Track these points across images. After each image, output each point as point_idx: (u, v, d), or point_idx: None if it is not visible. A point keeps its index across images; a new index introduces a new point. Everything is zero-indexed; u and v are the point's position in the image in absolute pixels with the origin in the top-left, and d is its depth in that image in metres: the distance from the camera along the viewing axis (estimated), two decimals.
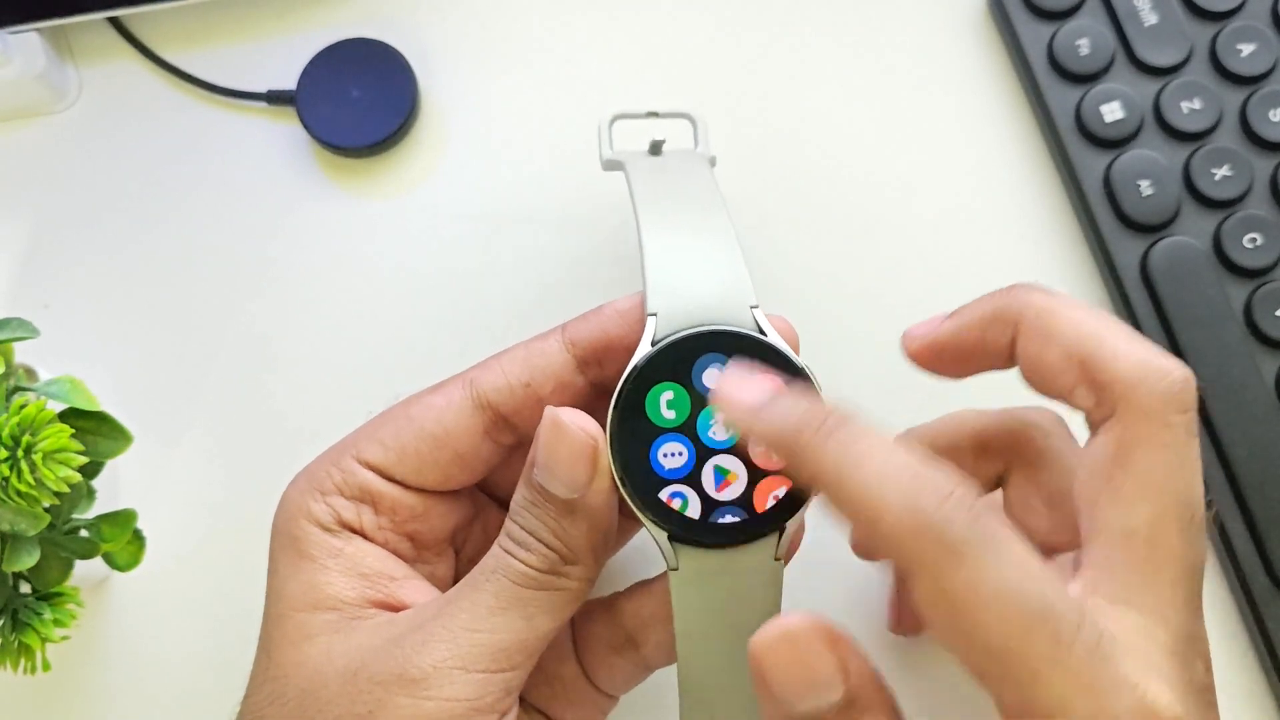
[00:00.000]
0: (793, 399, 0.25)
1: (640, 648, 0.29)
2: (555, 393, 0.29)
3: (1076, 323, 0.26)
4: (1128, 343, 0.26)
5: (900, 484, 0.23)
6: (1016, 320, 0.27)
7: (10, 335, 0.31)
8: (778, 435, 0.24)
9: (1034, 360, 0.27)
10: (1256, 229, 0.37)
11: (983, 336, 0.28)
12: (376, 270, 0.40)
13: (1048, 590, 0.22)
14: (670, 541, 0.26)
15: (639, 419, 0.27)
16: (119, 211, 0.40)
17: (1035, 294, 0.27)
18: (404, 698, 0.25)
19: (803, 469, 0.24)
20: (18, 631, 0.31)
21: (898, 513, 0.22)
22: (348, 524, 0.28)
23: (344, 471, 0.28)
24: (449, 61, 0.41)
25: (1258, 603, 0.35)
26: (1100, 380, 0.25)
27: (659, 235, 0.28)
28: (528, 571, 0.26)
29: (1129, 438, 0.25)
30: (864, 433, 0.24)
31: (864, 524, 0.23)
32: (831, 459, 0.23)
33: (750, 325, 0.27)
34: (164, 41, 0.41)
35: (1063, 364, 0.26)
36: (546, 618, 0.27)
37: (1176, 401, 0.25)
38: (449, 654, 0.25)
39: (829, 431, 0.24)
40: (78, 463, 0.29)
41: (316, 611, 0.27)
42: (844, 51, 0.41)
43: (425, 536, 0.29)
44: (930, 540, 0.22)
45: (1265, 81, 0.38)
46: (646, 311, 0.27)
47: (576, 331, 0.29)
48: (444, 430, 0.28)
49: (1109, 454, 0.25)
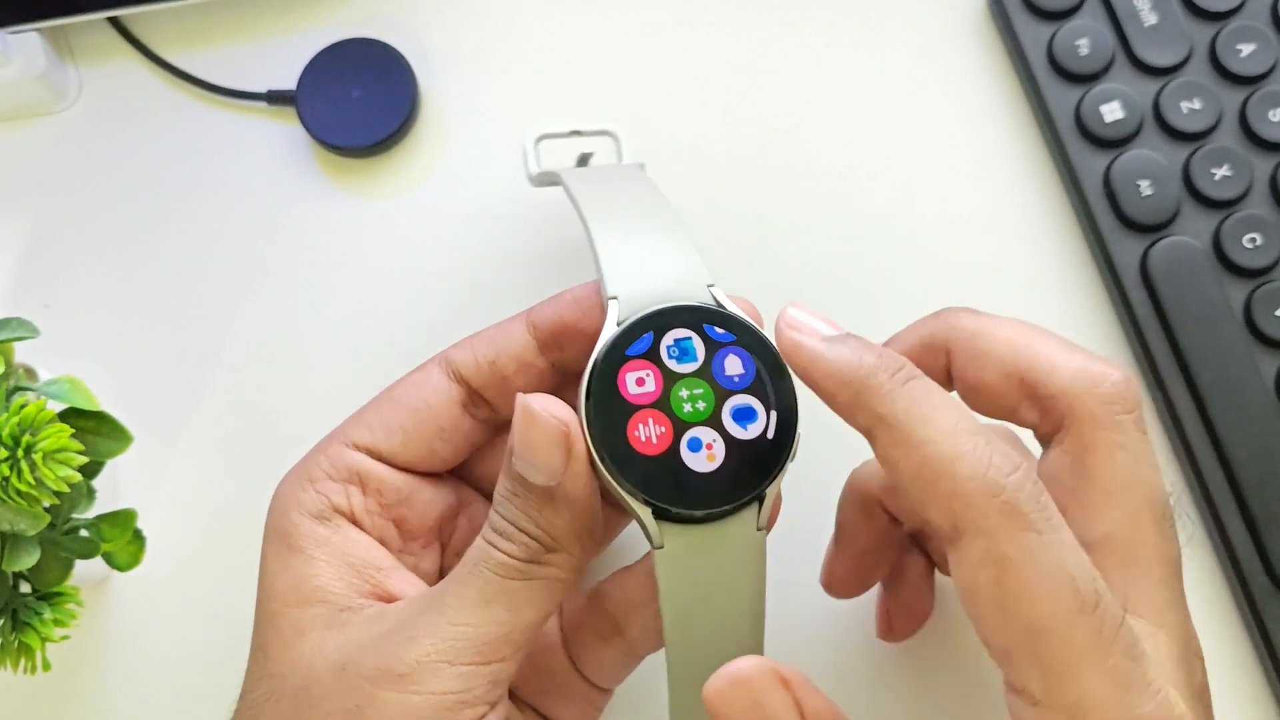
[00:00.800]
0: (864, 343, 0.25)
1: (626, 633, 0.29)
2: (519, 372, 0.29)
3: (1008, 340, 0.26)
4: (1062, 353, 0.26)
5: (975, 444, 0.23)
6: (946, 346, 0.27)
7: (10, 335, 0.31)
8: (851, 372, 0.24)
9: (972, 384, 0.27)
10: (1256, 229, 0.37)
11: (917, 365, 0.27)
12: (376, 270, 0.40)
13: (1099, 582, 0.22)
14: (655, 519, 0.26)
15: (612, 399, 0.27)
16: (119, 211, 0.40)
17: (964, 316, 0.27)
18: (391, 693, 0.25)
19: (871, 410, 0.24)
20: (18, 631, 0.31)
21: (971, 467, 0.22)
22: (338, 508, 0.29)
23: (331, 457, 0.29)
24: (449, 61, 0.41)
25: (1257, 603, 0.35)
26: (1041, 394, 0.26)
27: (608, 228, 0.29)
28: (510, 562, 0.26)
29: (1081, 447, 0.25)
30: (938, 389, 0.24)
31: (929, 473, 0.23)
32: (904, 406, 0.23)
33: (710, 302, 0.28)
34: (164, 41, 0.42)
35: (1001, 384, 0.26)
36: (531, 608, 0.27)
37: (1121, 401, 0.25)
38: (434, 648, 0.25)
39: (905, 379, 0.24)
40: (78, 463, 0.29)
41: (306, 606, 0.27)
42: (844, 51, 0.41)
43: (412, 524, 0.30)
44: (999, 503, 0.22)
45: (1265, 81, 0.38)
46: (606, 296, 0.27)
47: (539, 315, 0.30)
48: (425, 405, 0.29)
49: (1066, 465, 0.25)
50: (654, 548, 0.27)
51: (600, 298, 0.28)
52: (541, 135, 0.35)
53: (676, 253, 0.29)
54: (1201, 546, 0.36)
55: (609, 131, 0.36)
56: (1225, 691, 0.36)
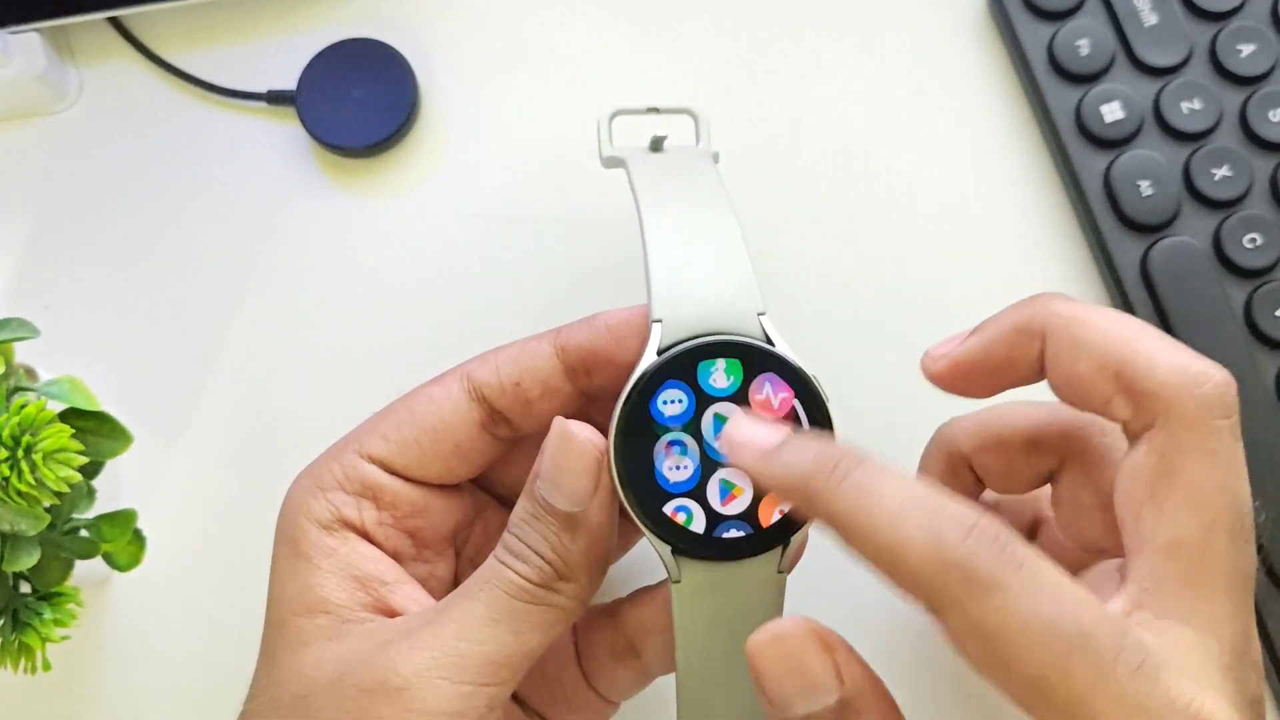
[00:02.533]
0: (803, 442, 0.25)
1: (641, 655, 0.29)
2: (543, 397, 0.29)
3: (1107, 331, 0.25)
4: (1163, 349, 0.25)
5: (920, 520, 0.22)
6: (1042, 332, 0.26)
7: (10, 335, 0.31)
8: (789, 482, 0.24)
9: (1065, 373, 0.26)
10: (1256, 229, 0.37)
11: (1009, 352, 0.27)
12: (377, 270, 0.40)
13: (1083, 614, 0.22)
14: (673, 555, 0.26)
15: (643, 431, 0.26)
16: (119, 212, 0.40)
17: (1060, 303, 0.26)
18: (386, 707, 0.25)
19: (819, 512, 0.24)
20: (18, 631, 0.31)
21: (921, 549, 0.22)
22: (348, 521, 0.28)
23: (345, 466, 0.28)
24: (449, 61, 0.41)
25: (1257, 602, 0.35)
26: (1137, 389, 0.25)
27: (664, 238, 0.28)
28: (522, 584, 0.26)
29: (1173, 447, 0.24)
30: (878, 471, 0.23)
31: (885, 565, 0.23)
32: (846, 503, 0.23)
33: (758, 333, 0.27)
34: (164, 41, 0.41)
35: (1095, 375, 0.25)
36: (536, 634, 0.26)
37: (1220, 406, 0.24)
38: (434, 662, 0.25)
39: (843, 474, 0.23)
40: (78, 463, 0.29)
41: (311, 616, 0.27)
42: (844, 52, 0.41)
43: (426, 534, 0.29)
44: (957, 575, 0.22)
45: (1265, 81, 0.38)
46: (651, 318, 0.27)
47: (568, 338, 0.29)
48: (444, 423, 0.29)
49: (1152, 464, 0.24)
50: (671, 581, 0.26)
51: (633, 326, 0.28)
52: (617, 111, 0.33)
53: (731, 274, 0.27)
54: None
55: (688, 110, 0.33)
56: None
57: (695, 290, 0.27)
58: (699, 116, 0.33)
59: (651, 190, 0.29)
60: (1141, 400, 0.25)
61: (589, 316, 0.29)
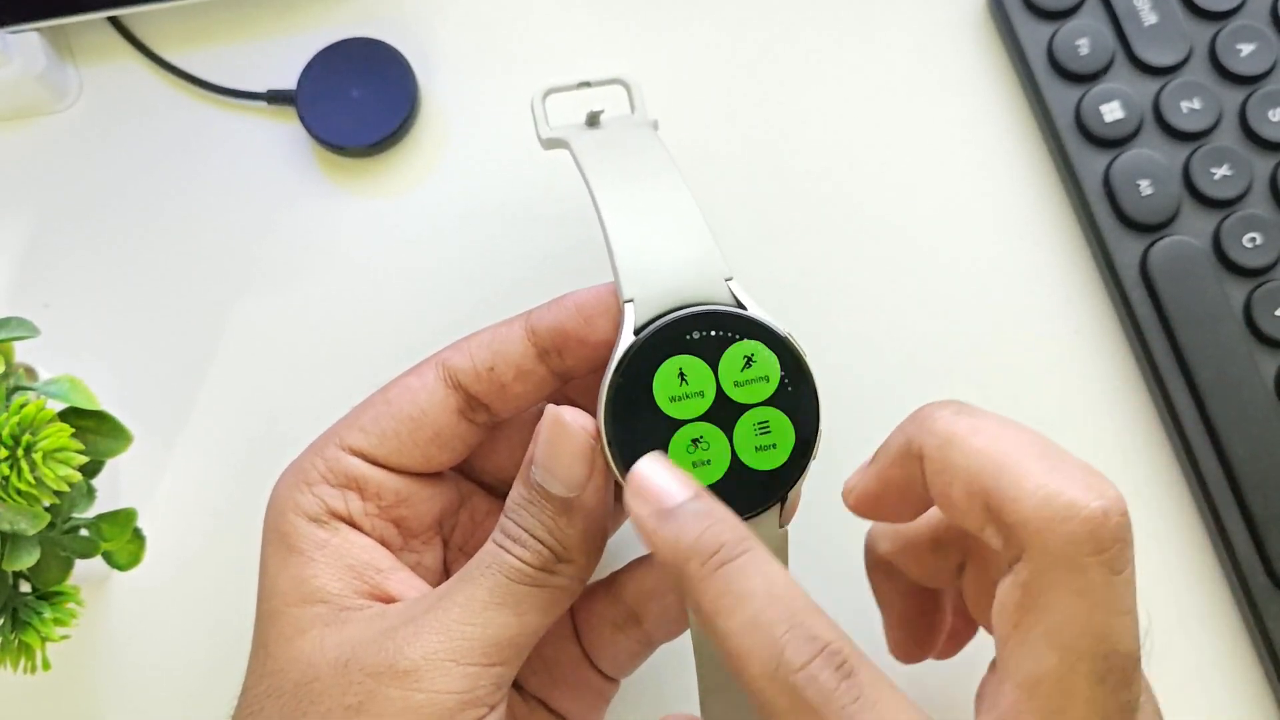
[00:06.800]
0: (695, 517, 0.24)
1: (642, 622, 0.29)
2: (517, 380, 0.29)
3: (975, 455, 0.24)
4: (1032, 476, 0.23)
5: (769, 637, 0.23)
6: (920, 455, 0.26)
7: (10, 335, 0.31)
8: (666, 555, 0.25)
9: (941, 498, 0.25)
10: (1256, 228, 0.37)
11: (904, 474, 0.26)
12: (376, 270, 0.40)
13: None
14: None
15: (631, 411, 0.26)
16: (119, 211, 0.40)
17: (941, 419, 0.25)
18: (394, 689, 0.25)
19: (686, 596, 0.24)
20: (18, 631, 0.31)
21: (760, 666, 0.22)
22: (336, 512, 0.28)
23: (328, 460, 0.29)
24: (449, 61, 0.41)
25: (1257, 603, 0.35)
26: (1004, 522, 0.24)
27: (621, 215, 0.28)
28: (522, 567, 0.27)
29: (1037, 584, 0.23)
30: (752, 568, 0.24)
31: (730, 666, 0.23)
32: (709, 599, 0.23)
33: (728, 299, 0.27)
34: (164, 41, 0.42)
35: (968, 504, 0.24)
36: (537, 614, 0.27)
37: (1090, 542, 0.23)
38: (441, 646, 0.26)
39: (714, 567, 0.24)
40: (78, 462, 0.29)
41: (307, 605, 0.27)
42: (843, 52, 0.41)
43: (412, 522, 0.30)
44: (786, 701, 0.22)
45: (1265, 81, 0.38)
46: (622, 298, 0.27)
47: (538, 320, 0.29)
48: (421, 411, 0.29)
49: (1016, 599, 0.24)
50: None
51: (602, 305, 0.28)
52: (549, 90, 0.33)
53: (694, 244, 0.27)
54: (1201, 546, 0.36)
55: (620, 80, 0.33)
56: (1225, 691, 0.36)
57: (661, 265, 0.27)
58: (631, 85, 0.33)
59: (599, 168, 0.29)
60: (1009, 532, 0.24)
61: (558, 297, 0.29)
